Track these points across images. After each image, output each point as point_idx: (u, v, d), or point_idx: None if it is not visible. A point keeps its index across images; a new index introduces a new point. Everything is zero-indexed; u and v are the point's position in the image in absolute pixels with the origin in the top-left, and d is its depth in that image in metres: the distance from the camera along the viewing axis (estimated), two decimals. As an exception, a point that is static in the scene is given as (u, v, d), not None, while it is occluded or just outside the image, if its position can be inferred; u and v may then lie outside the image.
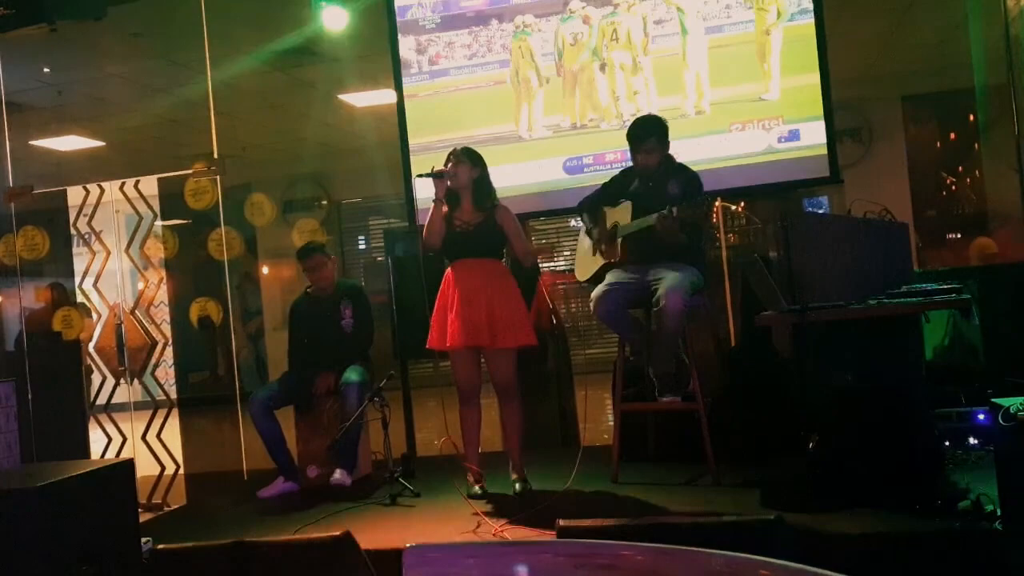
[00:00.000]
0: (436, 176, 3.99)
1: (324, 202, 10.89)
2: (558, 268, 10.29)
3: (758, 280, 3.66)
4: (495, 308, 3.91)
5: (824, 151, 4.62)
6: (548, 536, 3.21)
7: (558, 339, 5.40)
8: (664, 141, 4.03)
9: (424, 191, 4.22)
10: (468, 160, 4.03)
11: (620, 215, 4.07)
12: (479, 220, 4.01)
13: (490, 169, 4.10)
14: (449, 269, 4.05)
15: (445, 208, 4.01)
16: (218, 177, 4.98)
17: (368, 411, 4.37)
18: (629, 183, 4.12)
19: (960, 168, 9.30)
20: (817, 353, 3.59)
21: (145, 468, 4.76)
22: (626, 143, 4.10)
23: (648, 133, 4.01)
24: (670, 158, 4.10)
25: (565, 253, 10.35)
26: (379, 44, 5.51)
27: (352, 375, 4.42)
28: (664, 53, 4.85)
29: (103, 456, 5.04)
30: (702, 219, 3.79)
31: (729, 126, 4.74)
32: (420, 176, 4.05)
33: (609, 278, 4.02)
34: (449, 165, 4.02)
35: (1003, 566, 2.78)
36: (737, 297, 5.20)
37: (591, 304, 4.00)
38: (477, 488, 4.01)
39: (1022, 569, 2.71)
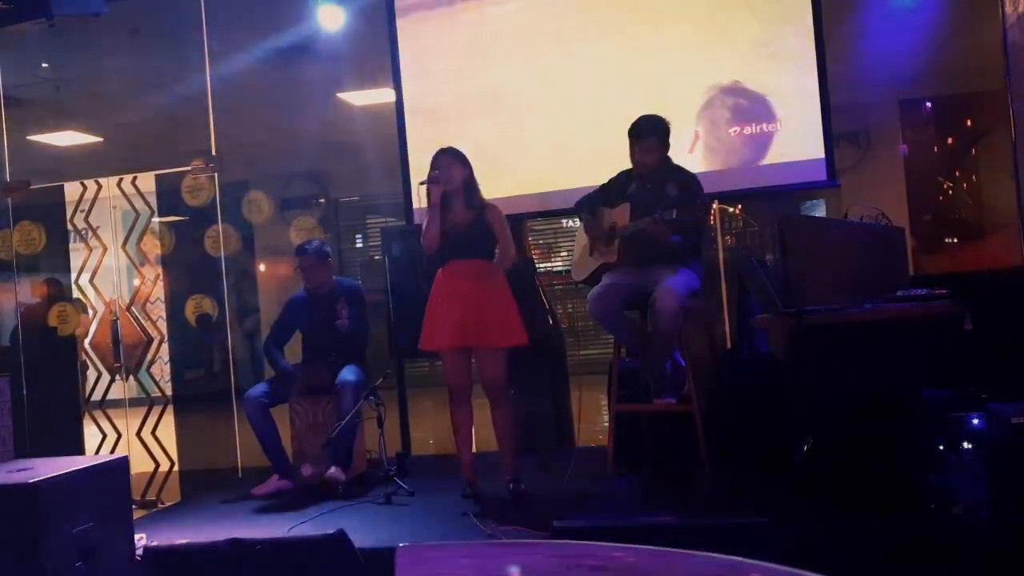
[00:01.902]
0: (434, 182, 3.92)
1: (322, 200, 10.88)
2: (555, 269, 10.30)
3: (754, 283, 3.66)
4: (484, 309, 3.88)
5: (821, 154, 4.62)
6: (542, 536, 3.22)
7: (554, 340, 5.40)
8: (665, 142, 4.02)
9: (421, 189, 4.19)
10: (459, 161, 3.99)
11: (618, 216, 4.07)
12: (471, 220, 3.97)
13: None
14: (440, 270, 4.03)
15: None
16: (216, 174, 4.98)
17: (363, 410, 4.37)
18: (628, 184, 4.12)
19: (957, 173, 9.32)
20: (812, 356, 3.59)
21: (139, 465, 4.76)
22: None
23: (651, 132, 3.99)
24: (669, 160, 4.09)
25: (562, 253, 10.36)
26: (378, 43, 5.51)
27: (348, 374, 4.41)
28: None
29: (97, 452, 5.04)
30: (700, 221, 3.79)
31: (728, 129, 4.75)
32: (424, 183, 3.94)
33: (606, 279, 4.02)
34: (441, 168, 3.96)
35: (995, 571, 2.78)
36: (734, 299, 5.21)
37: (587, 304, 4.00)
38: (471, 488, 4.01)
39: (1014, 574, 2.71)
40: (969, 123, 8.93)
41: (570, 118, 4.97)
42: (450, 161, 3.97)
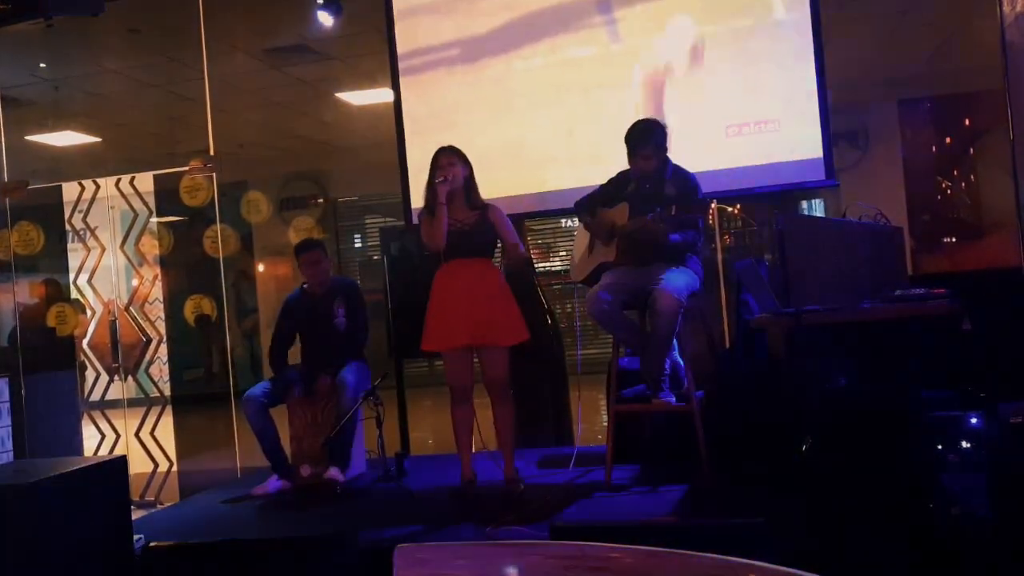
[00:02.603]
0: (445, 181, 3.92)
1: (320, 200, 10.88)
2: (554, 268, 10.30)
3: (753, 283, 3.66)
4: (486, 307, 3.90)
5: (820, 154, 4.62)
6: (540, 537, 3.22)
7: (553, 339, 5.40)
8: (662, 146, 4.00)
9: (420, 189, 4.19)
10: (460, 159, 4.00)
11: (617, 215, 4.07)
12: (474, 219, 3.99)
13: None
14: (440, 270, 4.03)
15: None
16: (214, 174, 4.99)
17: (363, 409, 4.37)
18: (627, 184, 4.12)
19: (955, 172, 9.33)
20: (811, 356, 3.59)
21: (138, 465, 4.76)
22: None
23: (647, 139, 3.96)
24: (668, 160, 4.09)
25: (561, 253, 10.36)
26: (377, 42, 5.51)
27: (347, 374, 4.41)
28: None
29: (96, 453, 5.04)
30: (698, 221, 3.79)
31: (725, 129, 4.75)
32: (439, 183, 3.91)
33: (605, 279, 4.02)
34: (443, 166, 3.96)
35: (995, 571, 2.78)
36: (733, 299, 5.21)
37: (586, 304, 4.00)
38: (470, 488, 4.01)
39: (1014, 574, 2.71)
40: (967, 123, 8.95)
41: (587, 159, 4.93)
42: (453, 159, 3.98)
